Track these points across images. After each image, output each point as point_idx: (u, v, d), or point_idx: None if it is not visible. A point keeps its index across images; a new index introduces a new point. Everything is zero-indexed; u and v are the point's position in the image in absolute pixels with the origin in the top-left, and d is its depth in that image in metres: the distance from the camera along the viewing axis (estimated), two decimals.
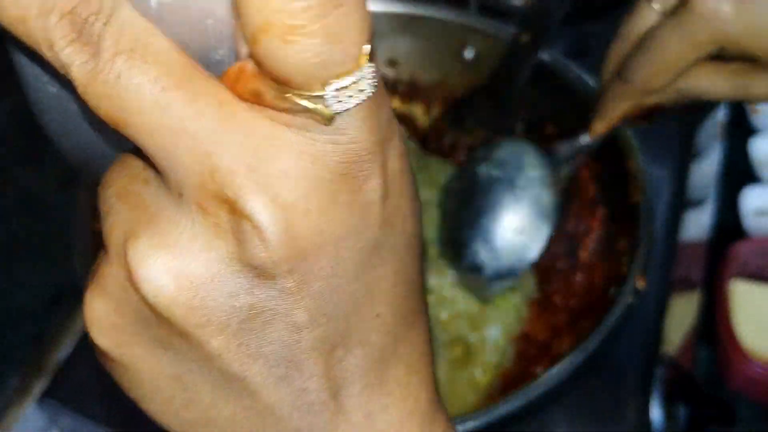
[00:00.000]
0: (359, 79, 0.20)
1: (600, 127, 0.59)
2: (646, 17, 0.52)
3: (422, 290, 0.25)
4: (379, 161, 0.21)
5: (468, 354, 0.61)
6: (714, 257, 1.15)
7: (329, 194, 0.20)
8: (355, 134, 0.21)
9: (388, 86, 0.86)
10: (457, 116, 0.82)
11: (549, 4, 0.74)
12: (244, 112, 0.20)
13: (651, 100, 0.53)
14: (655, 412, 0.67)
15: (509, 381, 0.62)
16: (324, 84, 0.20)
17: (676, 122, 0.91)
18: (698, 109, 0.61)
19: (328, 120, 0.20)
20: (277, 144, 0.20)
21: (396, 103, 0.86)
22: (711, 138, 1.06)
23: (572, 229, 0.74)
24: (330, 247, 0.21)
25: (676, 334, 0.80)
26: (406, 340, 0.24)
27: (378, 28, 0.82)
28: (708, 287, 1.10)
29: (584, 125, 0.61)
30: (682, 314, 0.85)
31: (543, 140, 0.77)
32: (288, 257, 0.20)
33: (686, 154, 0.91)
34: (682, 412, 0.69)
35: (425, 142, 0.82)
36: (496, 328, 0.63)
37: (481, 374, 0.61)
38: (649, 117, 0.57)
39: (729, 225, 1.32)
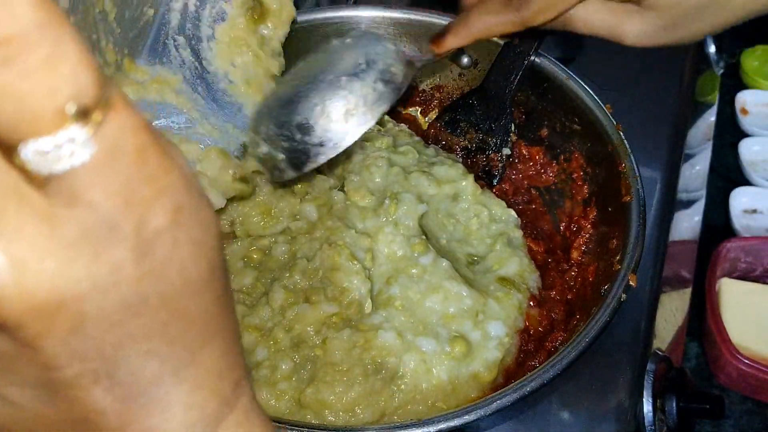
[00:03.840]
0: (65, 142, 0.20)
1: (453, 42, 0.62)
2: None
3: (218, 313, 0.27)
4: (128, 224, 0.22)
5: (470, 350, 0.63)
6: (704, 256, 1.17)
7: (67, 257, 0.21)
8: (91, 198, 0.21)
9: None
10: (452, 119, 0.83)
11: None
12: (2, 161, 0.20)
13: (535, 24, 0.56)
14: (646, 406, 0.68)
15: (510, 376, 0.63)
16: (18, 145, 0.20)
17: (668, 125, 0.93)
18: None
19: (40, 183, 0.21)
20: (17, 200, 0.21)
21: (396, 107, 0.87)
22: (701, 140, 1.08)
23: (566, 228, 0.75)
24: (71, 304, 0.22)
25: (667, 330, 0.82)
26: (193, 364, 0.26)
27: (378, 33, 0.83)
28: (698, 285, 1.12)
29: (434, 42, 0.62)
30: (672, 311, 0.86)
31: (537, 142, 0.79)
32: (19, 313, 0.21)
33: (677, 155, 0.93)
34: (672, 406, 0.70)
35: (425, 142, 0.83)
36: (499, 325, 0.65)
37: (483, 370, 0.62)
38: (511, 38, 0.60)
39: (719, 224, 1.34)
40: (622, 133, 0.69)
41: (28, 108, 0.19)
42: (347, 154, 0.77)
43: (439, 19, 0.80)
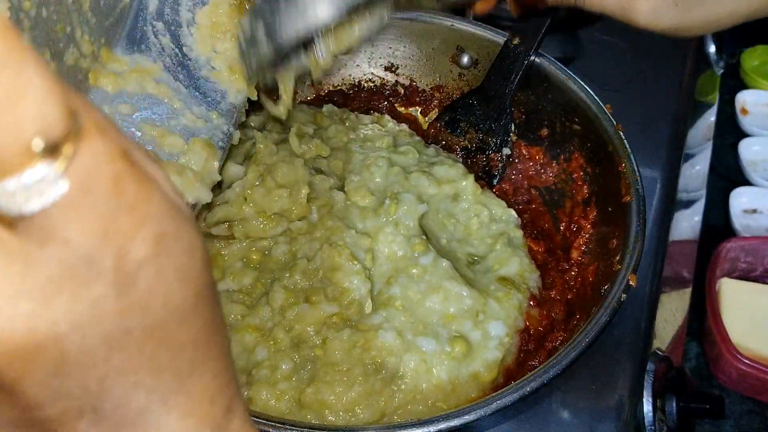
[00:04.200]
0: (33, 182, 0.19)
1: None
2: None
3: (207, 338, 0.26)
4: (107, 258, 0.21)
5: (470, 350, 0.63)
6: (704, 256, 1.17)
7: (43, 298, 0.20)
8: (65, 235, 0.20)
9: (389, 89, 0.87)
10: (452, 119, 0.83)
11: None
12: None
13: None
14: (646, 406, 0.68)
15: (510, 376, 0.63)
16: None
17: (668, 125, 0.93)
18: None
19: (9, 223, 0.19)
20: None
21: (397, 106, 0.87)
22: (701, 140, 1.08)
23: (566, 228, 0.75)
24: (50, 345, 0.21)
25: (667, 330, 0.82)
26: (182, 391, 0.26)
27: (378, 33, 0.83)
28: (698, 285, 1.12)
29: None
30: (672, 311, 0.86)
31: (537, 142, 0.79)
32: None
33: (677, 155, 0.93)
34: (672, 406, 0.71)
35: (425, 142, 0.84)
36: (499, 325, 0.65)
37: (483, 370, 0.62)
38: (523, 8, 0.59)
39: (719, 224, 1.34)
40: (622, 133, 0.69)
41: None
42: (347, 154, 0.77)
43: (440, 20, 0.81)
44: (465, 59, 0.82)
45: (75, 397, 0.23)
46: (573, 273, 0.70)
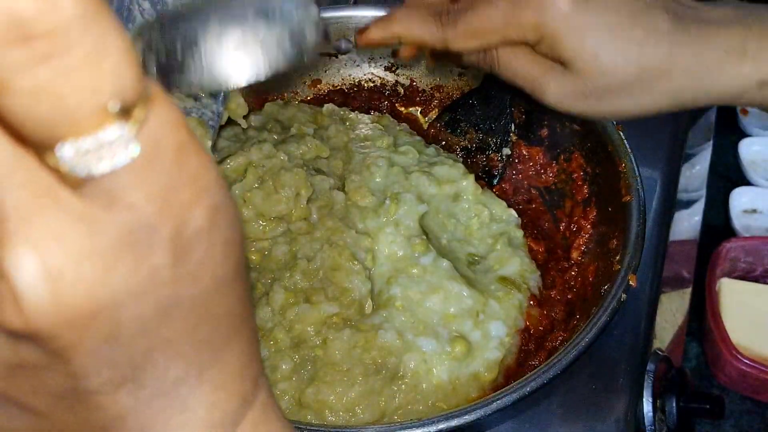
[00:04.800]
0: (105, 142, 0.19)
1: (373, 34, 0.59)
2: None
3: (240, 311, 0.26)
4: (167, 227, 0.21)
5: (470, 350, 0.63)
6: (704, 256, 1.17)
7: (105, 264, 0.20)
8: (131, 200, 0.20)
9: (389, 89, 0.87)
10: (452, 119, 0.83)
11: None
12: (34, 161, 0.19)
13: (454, 47, 0.55)
14: (646, 406, 0.68)
15: (511, 376, 0.63)
16: (55, 144, 0.18)
17: (668, 125, 0.93)
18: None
19: (76, 184, 0.19)
20: (55, 204, 0.19)
21: (397, 106, 0.87)
22: (701, 140, 1.08)
23: (566, 228, 0.75)
24: (107, 313, 0.21)
25: (667, 330, 0.82)
26: (216, 364, 0.26)
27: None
28: (698, 285, 1.12)
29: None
30: (672, 311, 0.86)
31: (537, 142, 0.79)
32: (51, 324, 0.20)
33: (677, 155, 0.93)
34: (672, 406, 0.71)
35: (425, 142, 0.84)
36: (499, 324, 0.64)
37: (483, 370, 0.62)
38: (443, 59, 0.58)
39: (719, 224, 1.34)
40: (622, 133, 0.69)
41: (68, 107, 0.18)
42: (347, 153, 0.77)
43: None
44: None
45: (120, 367, 0.23)
46: (573, 273, 0.70)
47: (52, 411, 0.24)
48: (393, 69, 0.86)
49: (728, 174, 1.39)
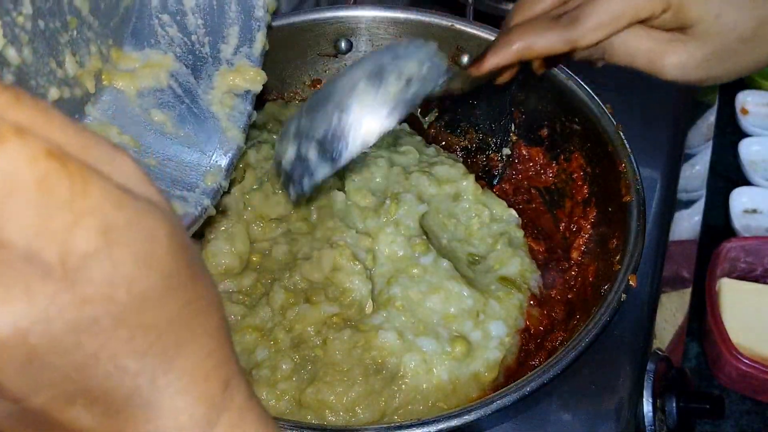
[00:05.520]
0: None
1: (492, 62, 0.58)
2: None
3: (190, 318, 0.27)
4: (49, 254, 0.23)
5: (470, 350, 0.63)
6: (704, 256, 1.17)
7: None
8: (1, 237, 0.22)
9: None
10: (452, 119, 0.83)
11: None
12: None
13: (583, 44, 0.54)
14: (646, 406, 0.68)
15: (511, 375, 0.63)
16: None
17: (668, 125, 0.93)
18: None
19: None
20: None
21: None
22: (701, 140, 1.08)
23: (566, 229, 0.75)
24: (14, 340, 0.23)
25: (667, 330, 0.82)
26: (171, 371, 0.27)
27: (378, 33, 0.83)
28: (698, 285, 1.12)
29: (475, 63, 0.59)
30: (672, 311, 0.86)
31: (537, 142, 0.79)
32: None
33: (677, 155, 0.93)
34: (672, 406, 0.71)
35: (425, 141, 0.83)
36: (500, 325, 0.64)
37: (484, 370, 0.62)
38: (554, 64, 0.58)
39: (719, 224, 1.34)
40: (622, 133, 0.69)
41: None
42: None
43: (439, 20, 0.80)
44: (465, 59, 0.82)
45: (58, 384, 0.24)
46: (573, 273, 0.70)
47: None
48: None
49: (728, 174, 1.39)
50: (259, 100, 0.84)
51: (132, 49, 0.62)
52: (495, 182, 0.80)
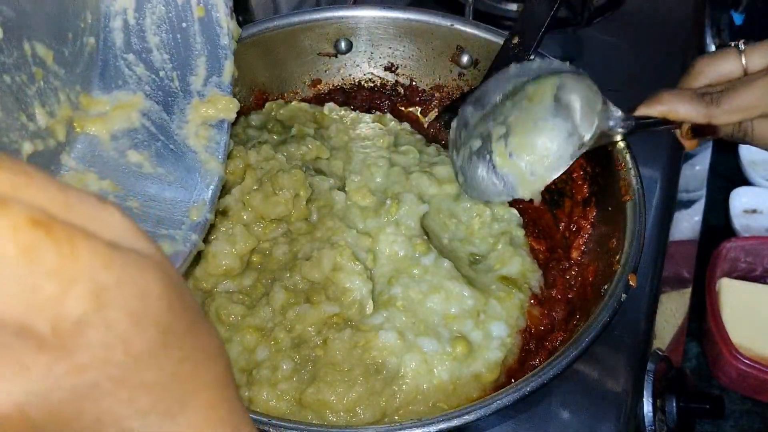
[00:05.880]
0: None
1: (642, 111, 0.65)
2: (730, 55, 0.63)
3: (191, 370, 0.26)
4: (41, 324, 0.22)
5: (471, 351, 0.63)
6: (704, 256, 1.17)
7: None
8: None
9: (389, 89, 0.87)
10: (452, 119, 0.83)
11: (538, 10, 0.75)
12: None
13: (718, 121, 0.62)
14: (646, 406, 0.68)
15: (512, 375, 0.63)
16: None
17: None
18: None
19: None
20: None
21: (398, 105, 0.87)
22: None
23: (566, 228, 0.75)
24: (14, 415, 0.22)
25: (667, 330, 0.82)
26: (176, 426, 0.26)
27: (378, 33, 0.83)
28: (698, 285, 1.12)
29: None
30: (672, 311, 0.86)
31: None
32: None
33: (677, 155, 0.93)
34: (672, 406, 0.71)
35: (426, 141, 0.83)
36: (501, 325, 0.64)
37: (485, 371, 0.61)
38: (700, 136, 0.66)
39: (719, 224, 1.34)
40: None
41: None
42: (348, 153, 0.77)
43: (440, 20, 0.80)
44: (465, 59, 0.82)
45: None
46: (573, 272, 0.70)
47: None
48: (393, 69, 0.86)
49: (728, 174, 1.38)
50: (260, 100, 0.84)
51: (101, 92, 0.61)
52: None
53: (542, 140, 0.69)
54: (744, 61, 0.63)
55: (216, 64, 0.63)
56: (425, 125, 0.86)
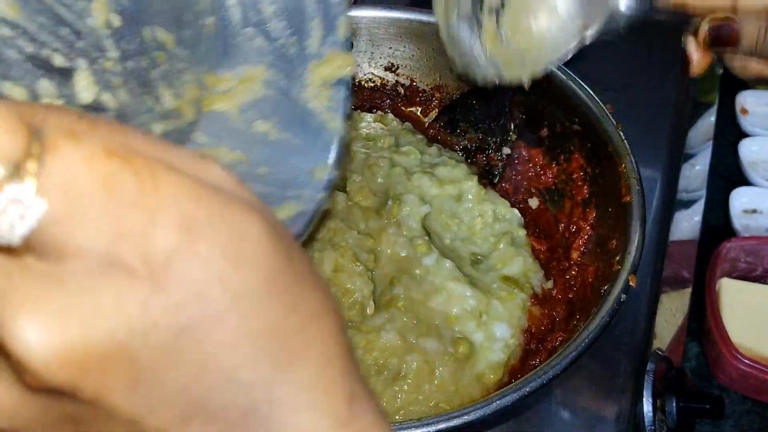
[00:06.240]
0: (8, 205, 0.19)
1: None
2: None
3: (300, 323, 0.24)
4: (130, 256, 0.21)
5: (473, 351, 0.63)
6: (704, 256, 1.17)
7: (88, 310, 0.21)
8: (76, 246, 0.21)
9: (389, 89, 0.87)
10: (452, 119, 0.83)
11: None
12: None
13: (745, 3, 0.56)
14: (646, 406, 0.68)
15: (514, 375, 0.63)
16: None
17: (668, 125, 0.93)
18: None
19: (27, 249, 0.20)
20: (18, 273, 0.21)
21: (399, 105, 0.87)
22: (701, 140, 1.08)
23: (566, 229, 0.75)
24: (115, 355, 0.21)
25: (667, 330, 0.82)
26: (286, 383, 0.24)
27: (378, 33, 0.83)
28: (698, 285, 1.12)
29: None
30: (672, 311, 0.86)
31: (537, 142, 0.79)
32: (66, 377, 0.20)
33: (677, 155, 0.93)
34: (672, 406, 0.71)
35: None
36: (503, 326, 0.64)
37: (487, 372, 0.62)
38: (719, 45, 0.59)
39: (719, 224, 1.34)
40: (622, 133, 0.69)
41: None
42: (349, 153, 0.77)
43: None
44: None
45: (171, 403, 0.22)
46: (573, 272, 0.70)
47: None
48: (393, 69, 0.86)
49: (728, 174, 1.38)
50: None
51: (225, 69, 0.61)
52: (495, 182, 0.80)
53: (540, 19, 0.63)
54: None
55: (329, 23, 0.63)
56: (426, 125, 0.86)
